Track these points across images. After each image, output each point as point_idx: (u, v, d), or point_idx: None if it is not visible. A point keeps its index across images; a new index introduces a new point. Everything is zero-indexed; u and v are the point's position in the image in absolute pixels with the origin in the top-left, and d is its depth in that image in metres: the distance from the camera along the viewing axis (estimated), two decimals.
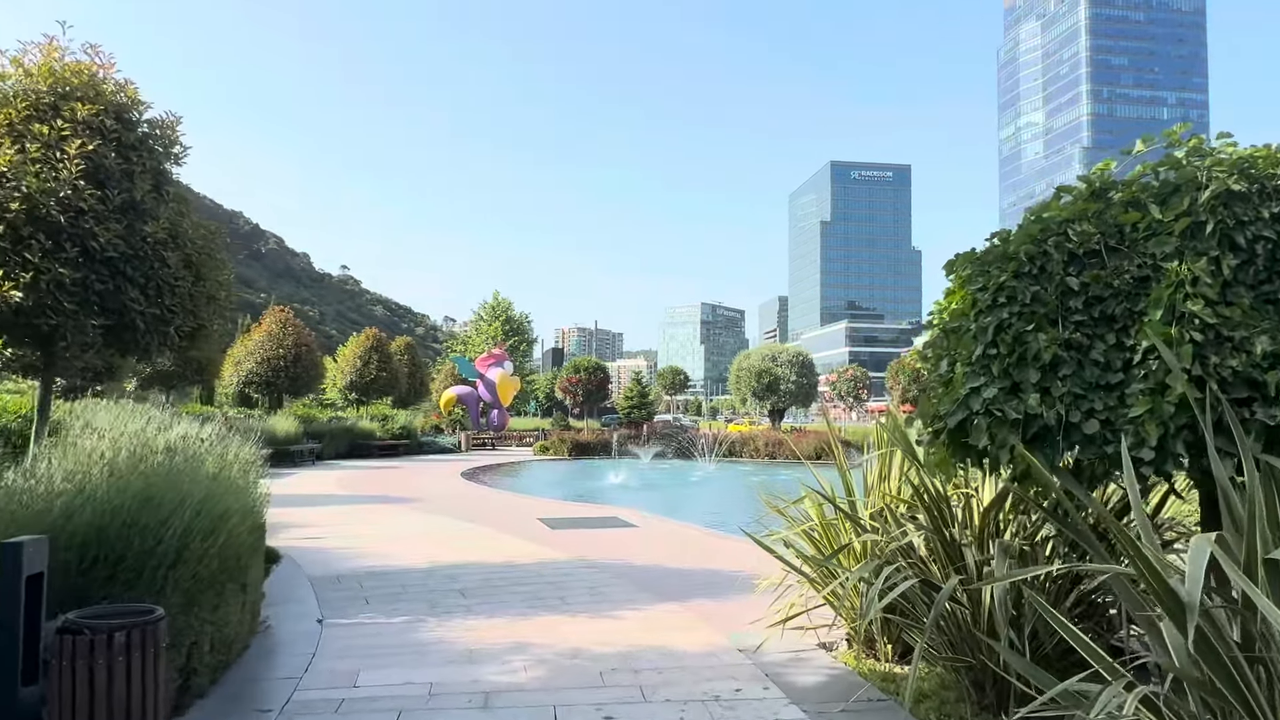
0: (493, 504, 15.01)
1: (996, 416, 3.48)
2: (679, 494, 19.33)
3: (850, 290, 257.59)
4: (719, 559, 9.24)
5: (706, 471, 25.44)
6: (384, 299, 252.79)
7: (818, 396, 45.76)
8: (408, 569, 8.51)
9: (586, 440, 33.03)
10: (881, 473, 5.95)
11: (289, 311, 29.77)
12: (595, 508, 14.39)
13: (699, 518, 14.00)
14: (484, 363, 40.05)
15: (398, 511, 13.49)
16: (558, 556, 9.32)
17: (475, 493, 17.03)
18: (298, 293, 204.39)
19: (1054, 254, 3.61)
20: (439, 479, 20.24)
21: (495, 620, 6.41)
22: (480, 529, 11.54)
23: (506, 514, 13.43)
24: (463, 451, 33.69)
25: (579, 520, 12.52)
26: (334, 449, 27.97)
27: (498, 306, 59.73)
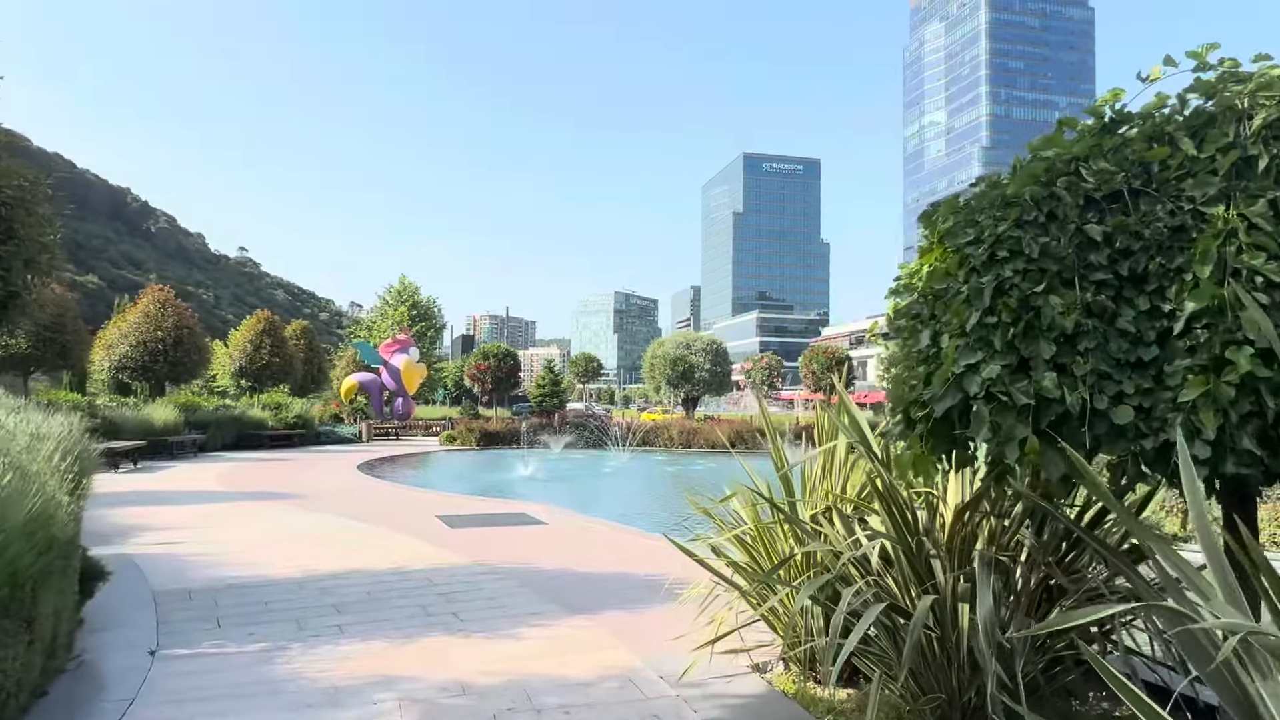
0: (388, 500, 13.80)
1: (1001, 401, 2.71)
2: (591, 486, 18.47)
3: (761, 281, 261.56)
4: (634, 561, 8.40)
5: (620, 461, 24.64)
6: (285, 283, 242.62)
7: (731, 385, 45.63)
8: (277, 580, 7.36)
9: (496, 429, 31.79)
10: (824, 467, 5.20)
11: (169, 291, 27.42)
12: (500, 503, 13.38)
13: (612, 513, 13.18)
14: (388, 349, 38.21)
15: (278, 510, 12.16)
16: (455, 561, 8.31)
17: (370, 487, 15.74)
18: (191, 275, 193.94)
19: (1066, 197, 2.86)
20: (332, 472, 18.79)
21: (372, 644, 5.40)
22: (370, 529, 10.39)
23: (402, 511, 12.28)
24: (364, 442, 31.95)
25: (482, 518, 11.49)
26: (220, 440, 25.96)
27: (404, 290, 57.25)
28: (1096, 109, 3.11)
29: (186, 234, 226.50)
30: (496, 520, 11.25)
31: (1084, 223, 2.79)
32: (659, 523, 12.23)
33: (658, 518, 12.87)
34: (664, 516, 13.01)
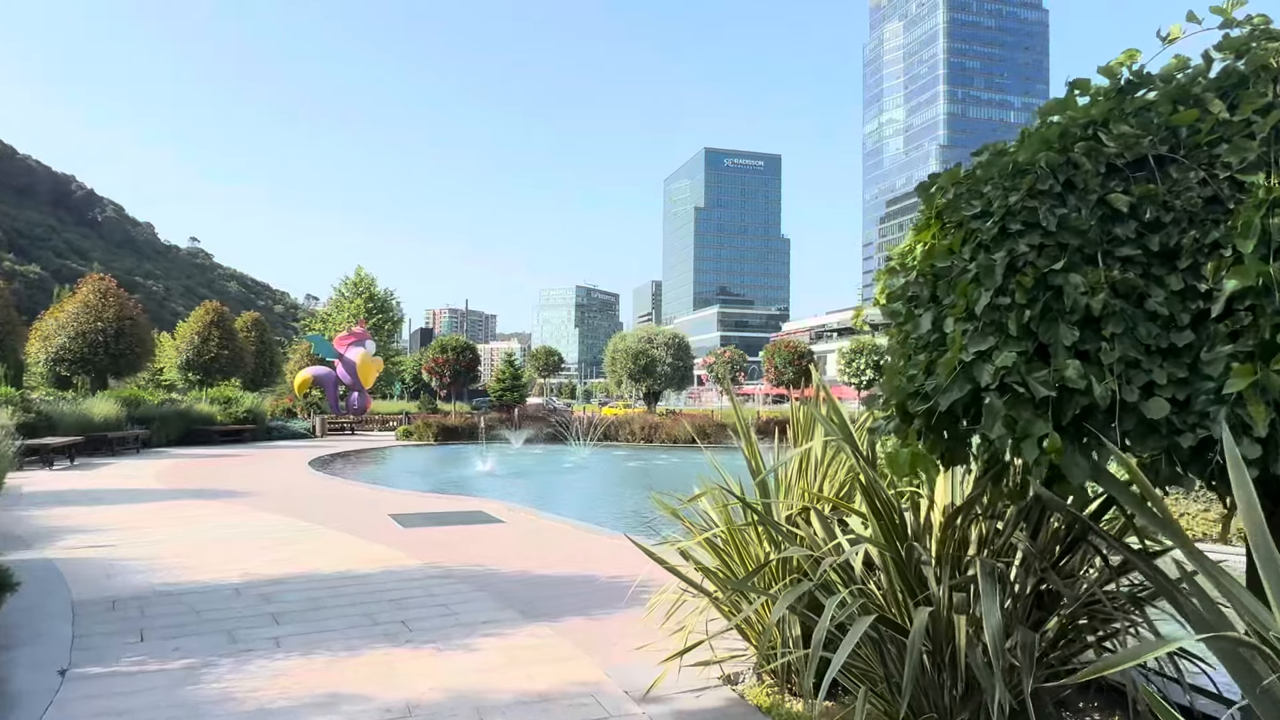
0: (339, 498, 13.25)
1: (1016, 393, 2.39)
2: (552, 482, 18.05)
3: (722, 276, 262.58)
4: (597, 562, 8.03)
5: (581, 457, 24.24)
6: (239, 274, 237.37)
7: (693, 380, 45.41)
8: (213, 585, 6.85)
9: (454, 424, 31.14)
10: (800, 466, 4.88)
11: (110, 280, 26.30)
12: (457, 500, 12.90)
13: (573, 510, 12.80)
14: (343, 342, 37.35)
15: (221, 509, 11.55)
16: (407, 563, 7.86)
17: (320, 485, 15.14)
18: (140, 265, 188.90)
19: (1085, 164, 2.55)
20: (281, 468, 18.11)
21: (312, 659, 4.95)
22: (318, 530, 9.87)
23: (353, 510, 11.76)
24: (317, 437, 31.11)
25: (437, 516, 11.03)
26: (166, 435, 25.03)
27: (360, 282, 56.13)
28: (1111, 69, 2.80)
29: (135, 223, 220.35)
30: (452, 519, 10.80)
31: (1107, 192, 2.48)
32: (622, 521, 11.90)
33: (621, 515, 12.54)
34: (628, 514, 12.71)
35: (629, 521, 12.00)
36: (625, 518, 12.34)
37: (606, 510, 13.44)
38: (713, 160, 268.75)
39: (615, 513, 13.09)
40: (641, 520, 11.57)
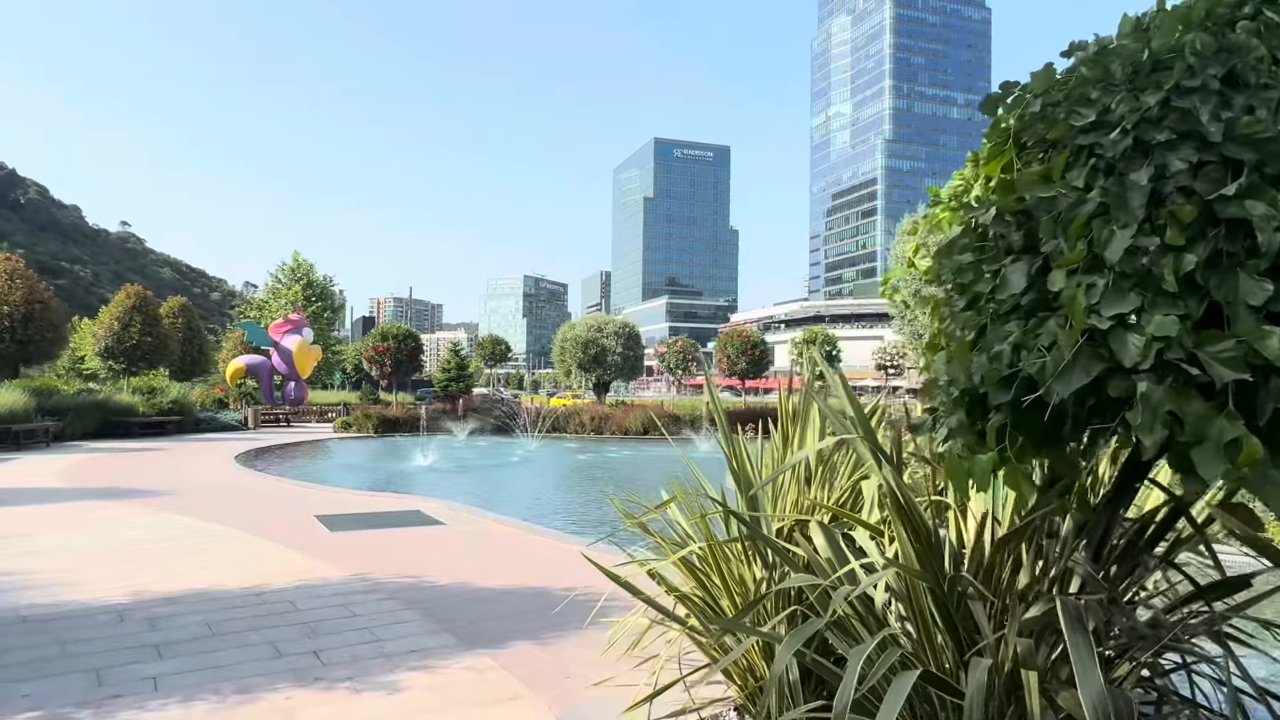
0: (262, 497, 12.13)
1: (1179, 376, 1.61)
2: (497, 478, 17.09)
3: (671, 266, 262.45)
4: (547, 571, 7.17)
5: (529, 450, 23.28)
6: (172, 260, 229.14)
7: (643, 370, 44.67)
8: (94, 608, 5.82)
9: (395, 416, 29.90)
10: (793, 469, 4.10)
11: (18, 260, 24.39)
12: (394, 498, 11.90)
13: (522, 510, 11.94)
14: (279, 329, 35.63)
15: (125, 512, 10.38)
16: (329, 575, 6.90)
17: (244, 482, 13.95)
18: (65, 250, 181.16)
19: (1257, 47, 1.77)
20: (205, 464, 16.81)
21: (193, 708, 4.01)
22: (232, 535, 8.81)
23: (276, 511, 10.69)
24: (250, 429, 29.57)
25: (370, 518, 10.04)
26: (81, 428, 23.37)
27: (298, 268, 53.90)
28: None
29: (60, 205, 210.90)
30: (385, 521, 9.82)
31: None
32: (576, 521, 11.06)
33: (573, 515, 11.70)
34: (580, 514, 11.86)
35: (583, 522, 11.18)
36: (578, 518, 11.50)
37: (558, 509, 12.58)
38: (662, 150, 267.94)
39: (567, 512, 12.24)
40: (598, 522, 10.75)
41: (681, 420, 29.42)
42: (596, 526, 10.59)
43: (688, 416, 29.84)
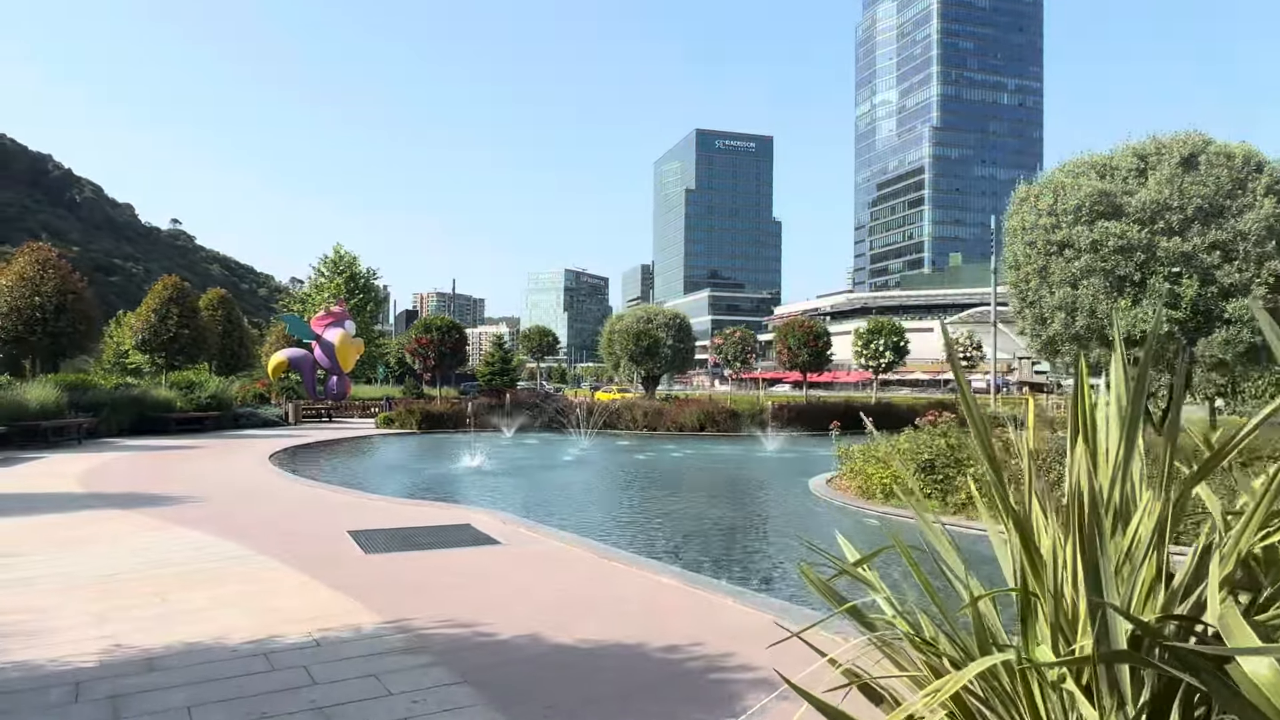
0: (293, 507, 10.70)
1: None
2: (554, 481, 15.53)
3: (713, 259, 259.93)
4: (642, 618, 5.53)
5: (581, 448, 21.73)
6: (222, 257, 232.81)
7: (694, 363, 42.94)
8: (46, 673, 4.33)
9: (439, 411, 28.59)
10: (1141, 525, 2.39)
11: (50, 250, 23.48)
12: (439, 508, 10.39)
13: (586, 520, 10.34)
14: (320, 322, 34.64)
15: (134, 526, 8.99)
16: (360, 621, 5.36)
17: (275, 487, 12.56)
18: (119, 247, 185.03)
19: None
20: (237, 464, 15.53)
21: None
22: (248, 559, 7.34)
23: (306, 524, 9.23)
24: (290, 424, 28.54)
25: (411, 534, 8.51)
26: (116, 424, 22.40)
27: (340, 260, 53.17)
28: None
29: (114, 204, 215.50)
30: (430, 539, 8.28)
31: None
32: (651, 538, 9.40)
33: (646, 529, 10.04)
34: (654, 527, 10.15)
35: (659, 539, 9.53)
36: (653, 535, 9.84)
37: (626, 520, 10.94)
38: (704, 142, 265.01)
39: (639, 525, 10.59)
40: (678, 540, 9.08)
41: (741, 416, 27.65)
42: (680, 547, 8.98)
43: (747, 412, 28.04)
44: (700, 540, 9.54)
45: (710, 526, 10.56)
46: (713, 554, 8.79)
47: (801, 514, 11.44)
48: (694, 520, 11.00)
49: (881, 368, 32.89)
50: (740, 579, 7.49)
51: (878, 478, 11.57)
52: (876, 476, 11.60)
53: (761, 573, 8.01)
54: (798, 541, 9.48)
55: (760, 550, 9.16)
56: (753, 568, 8.27)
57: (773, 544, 9.48)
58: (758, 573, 8.00)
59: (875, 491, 11.56)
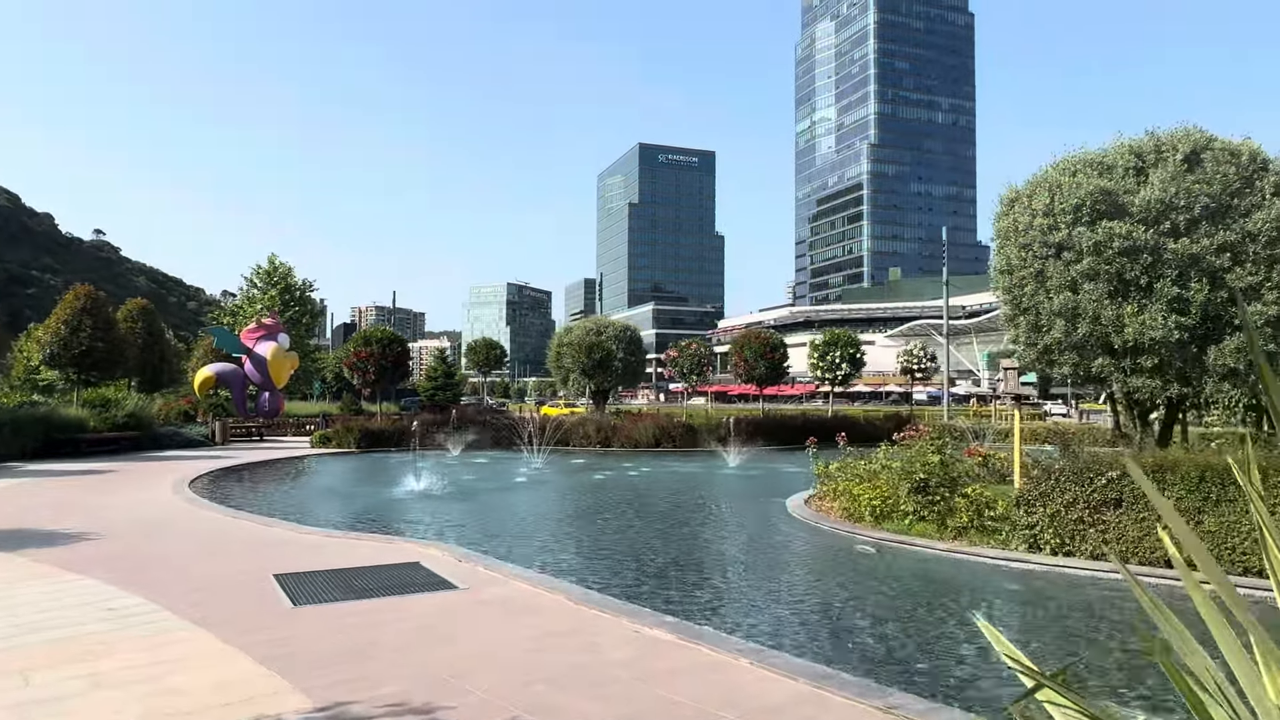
0: (209, 542, 9.29)
1: None
2: (509, 506, 14.24)
3: (657, 273, 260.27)
4: (652, 683, 4.43)
5: (534, 467, 20.47)
6: (149, 269, 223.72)
7: (645, 376, 41.92)
8: None
9: (380, 428, 26.99)
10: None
11: None
12: (383, 543, 9.11)
13: (557, 557, 9.17)
14: (252, 335, 32.66)
15: (13, 574, 7.51)
16: (284, 709, 4.15)
17: (192, 519, 11.06)
18: (36, 259, 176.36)
19: None
20: (152, 492, 13.91)
21: None
22: (151, 615, 6.02)
23: (227, 565, 7.88)
24: (218, 445, 26.60)
25: (350, 576, 7.26)
26: (20, 446, 20.36)
27: (275, 271, 50.79)
28: None
29: (31, 214, 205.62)
30: (373, 582, 7.05)
31: None
32: (629, 574, 8.16)
33: (622, 566, 8.87)
34: (631, 561, 8.82)
35: (645, 575, 8.39)
36: (633, 572, 8.69)
37: (599, 553, 9.78)
38: (646, 156, 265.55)
39: (608, 556, 9.44)
40: (663, 579, 7.89)
41: (698, 431, 26.70)
42: (664, 585, 7.86)
43: (703, 427, 27.11)
44: (684, 576, 8.47)
45: (690, 558, 9.51)
46: (702, 593, 7.73)
47: (788, 542, 10.47)
48: (672, 550, 9.93)
49: (838, 380, 32.38)
50: (743, 627, 6.45)
51: (866, 499, 10.68)
52: (865, 498, 10.70)
53: (763, 614, 6.98)
54: (801, 574, 8.49)
55: (753, 586, 8.13)
56: (753, 609, 7.23)
57: (763, 576, 8.46)
58: (758, 614, 6.96)
59: (864, 514, 10.66)
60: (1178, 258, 9.58)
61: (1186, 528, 1.23)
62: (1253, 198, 9.73)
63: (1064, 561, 8.34)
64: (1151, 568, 7.93)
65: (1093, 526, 8.29)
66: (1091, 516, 8.31)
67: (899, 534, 9.94)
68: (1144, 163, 10.39)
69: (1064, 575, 8.10)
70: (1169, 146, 10.23)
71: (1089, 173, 10.25)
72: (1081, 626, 6.50)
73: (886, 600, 7.40)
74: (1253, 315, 9.30)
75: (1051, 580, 7.97)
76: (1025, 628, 6.53)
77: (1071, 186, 10.13)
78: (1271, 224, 9.45)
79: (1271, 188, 9.78)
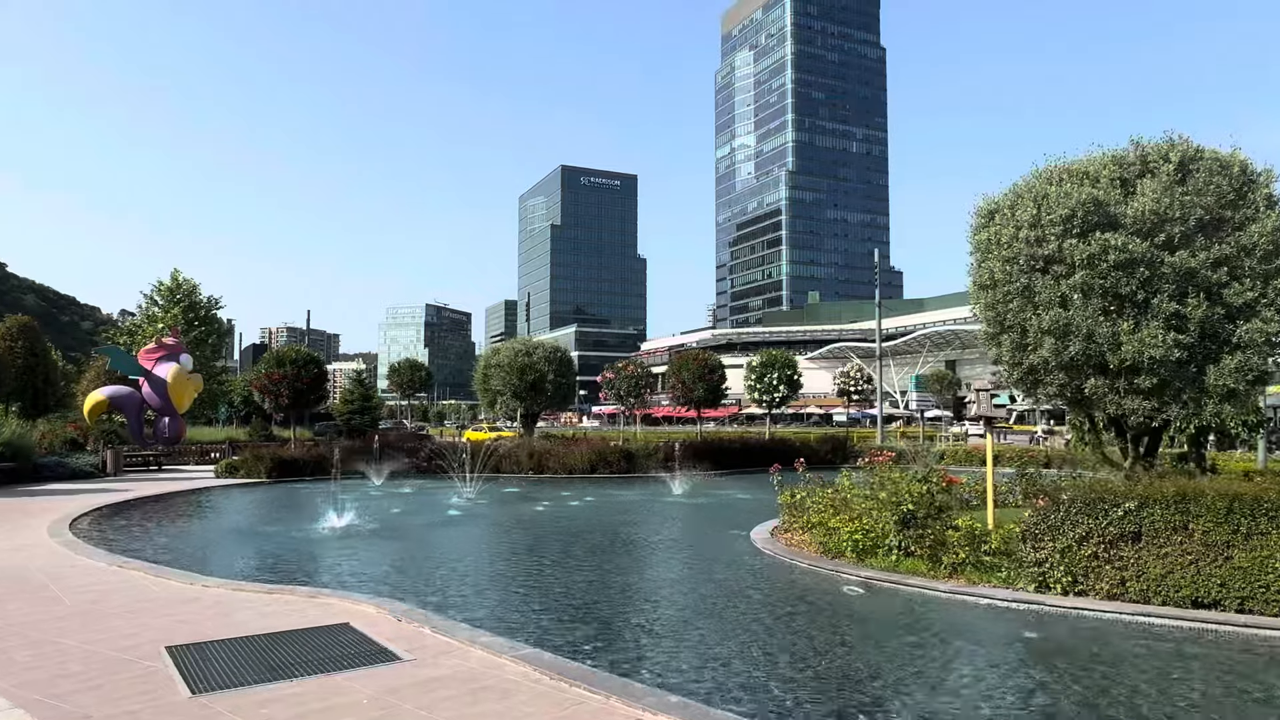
0: (89, 602, 7.69)
1: None
2: (446, 545, 12.73)
3: (579, 295, 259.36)
4: None
5: (466, 498, 18.98)
6: (39, 286, 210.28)
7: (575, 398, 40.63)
8: None
9: (294, 456, 24.96)
10: None
11: None
12: (305, 599, 7.68)
13: (511, 609, 7.90)
14: (150, 356, 30.09)
15: None
16: None
17: (70, 571, 9.32)
18: None
19: None
20: (19, 534, 11.96)
21: None
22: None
23: (105, 635, 6.37)
24: (109, 476, 24.11)
25: (268, 647, 5.90)
26: None
27: (178, 288, 47.54)
28: None
29: None
30: (295, 654, 5.71)
31: None
32: (608, 628, 6.86)
33: (592, 614, 7.65)
34: (601, 607, 7.51)
35: (621, 630, 7.16)
36: (610, 622, 7.48)
37: (561, 602, 8.51)
38: (569, 179, 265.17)
39: (580, 608, 8.16)
40: (652, 633, 6.63)
41: (635, 456, 25.60)
42: (648, 645, 6.69)
43: (641, 452, 26.03)
44: (662, 631, 7.33)
45: (665, 608, 8.31)
46: (689, 655, 6.61)
47: (768, 584, 9.46)
48: (640, 598, 8.78)
49: (775, 402, 31.83)
50: (756, 700, 5.37)
51: (847, 532, 9.77)
52: (846, 531, 9.79)
53: (772, 680, 5.91)
54: (801, 625, 7.41)
55: (746, 645, 7.05)
56: (755, 678, 6.15)
57: (757, 630, 7.38)
58: (763, 686, 5.89)
59: (844, 549, 9.74)
60: (1175, 272, 9.10)
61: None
62: (1245, 210, 9.36)
63: (1079, 603, 7.56)
64: (1177, 609, 7.22)
65: (1109, 563, 7.55)
66: (1107, 552, 7.57)
67: (887, 571, 9.05)
68: (1127, 174, 9.95)
69: (1084, 619, 7.31)
70: (1157, 156, 9.81)
71: (1075, 182, 9.73)
72: (1152, 691, 5.60)
73: (910, 659, 6.44)
74: (1252, 333, 8.84)
75: (1074, 626, 7.15)
76: (1084, 698, 5.52)
77: (1060, 196, 9.57)
78: (1267, 238, 9.07)
79: (1264, 200, 9.44)
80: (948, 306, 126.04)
